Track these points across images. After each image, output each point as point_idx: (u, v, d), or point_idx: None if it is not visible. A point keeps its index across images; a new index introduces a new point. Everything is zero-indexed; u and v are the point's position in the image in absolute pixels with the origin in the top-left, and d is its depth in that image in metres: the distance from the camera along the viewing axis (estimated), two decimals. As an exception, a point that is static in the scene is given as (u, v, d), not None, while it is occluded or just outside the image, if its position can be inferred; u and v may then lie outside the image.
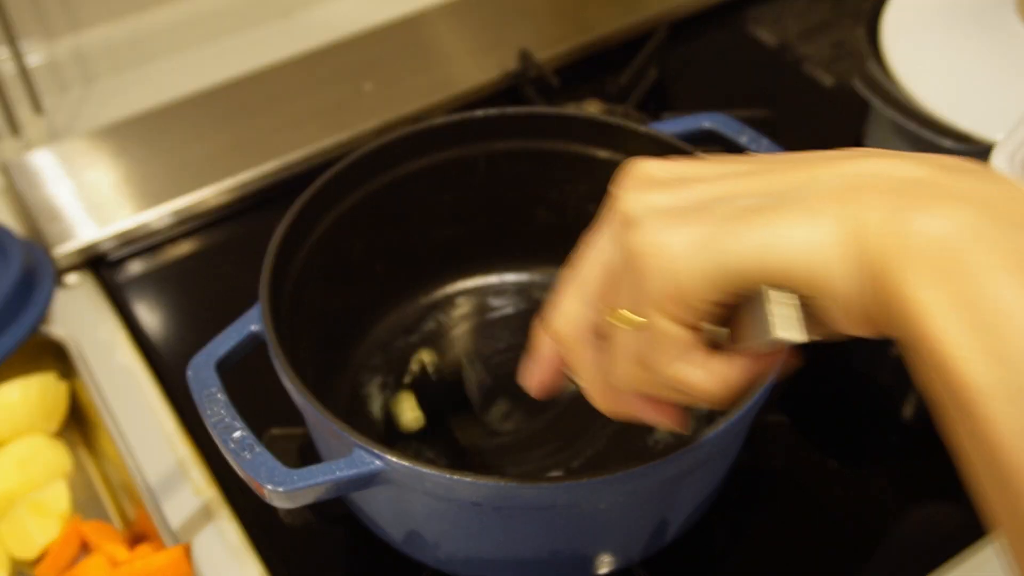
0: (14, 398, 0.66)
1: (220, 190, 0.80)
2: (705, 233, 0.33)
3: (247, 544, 0.60)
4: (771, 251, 0.31)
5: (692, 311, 0.34)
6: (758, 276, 0.32)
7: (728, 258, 0.32)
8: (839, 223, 0.31)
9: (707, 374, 0.35)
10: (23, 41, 0.87)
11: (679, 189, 0.35)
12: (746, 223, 0.32)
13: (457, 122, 0.64)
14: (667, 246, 0.33)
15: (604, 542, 0.54)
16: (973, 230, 0.29)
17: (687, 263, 0.33)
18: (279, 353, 0.51)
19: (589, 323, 0.39)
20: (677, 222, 0.34)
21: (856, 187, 0.31)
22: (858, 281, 0.30)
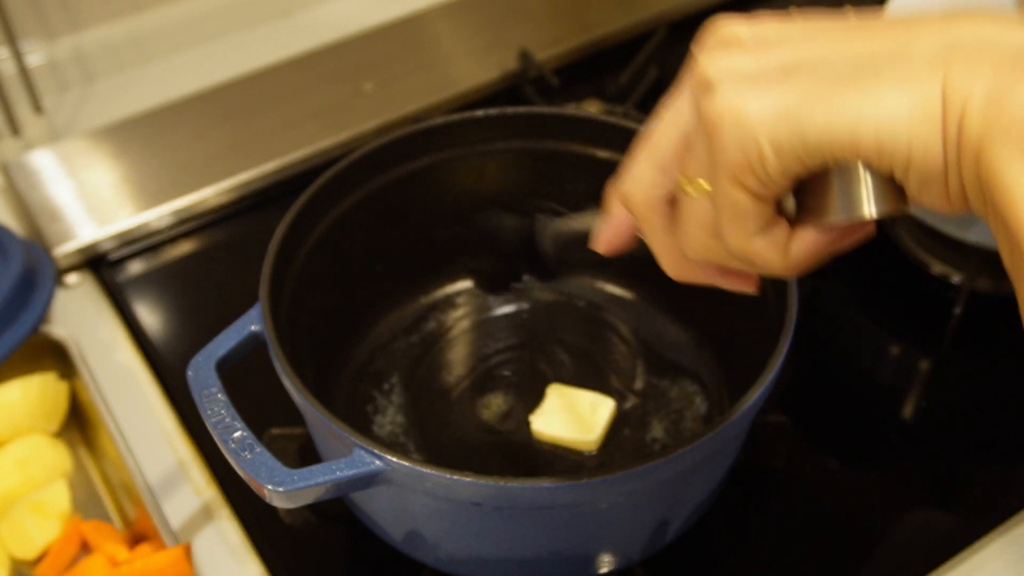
0: (14, 398, 0.66)
1: (220, 190, 0.80)
2: (790, 100, 0.30)
3: (247, 544, 0.60)
4: (864, 123, 0.29)
5: (769, 183, 0.32)
6: (848, 150, 0.30)
7: (815, 129, 0.30)
8: (938, 93, 0.28)
9: (778, 250, 0.34)
10: (23, 41, 0.87)
11: (764, 51, 0.32)
12: (836, 91, 0.29)
13: (457, 122, 0.64)
14: (746, 113, 0.31)
15: (604, 542, 0.54)
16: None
17: (768, 132, 0.30)
18: (279, 353, 0.51)
19: (661, 189, 0.37)
20: (759, 87, 0.31)
21: (959, 53, 0.28)
22: (956, 158, 0.28)
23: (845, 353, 0.72)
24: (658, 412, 0.65)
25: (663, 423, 0.64)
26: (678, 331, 0.68)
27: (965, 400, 0.68)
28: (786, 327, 0.52)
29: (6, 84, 0.85)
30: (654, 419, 0.64)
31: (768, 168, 0.31)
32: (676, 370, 0.67)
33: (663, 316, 0.69)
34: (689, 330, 0.68)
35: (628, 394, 0.66)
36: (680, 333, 0.68)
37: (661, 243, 0.38)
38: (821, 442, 0.66)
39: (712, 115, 0.32)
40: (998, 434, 0.64)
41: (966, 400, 0.68)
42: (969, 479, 0.63)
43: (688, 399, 0.65)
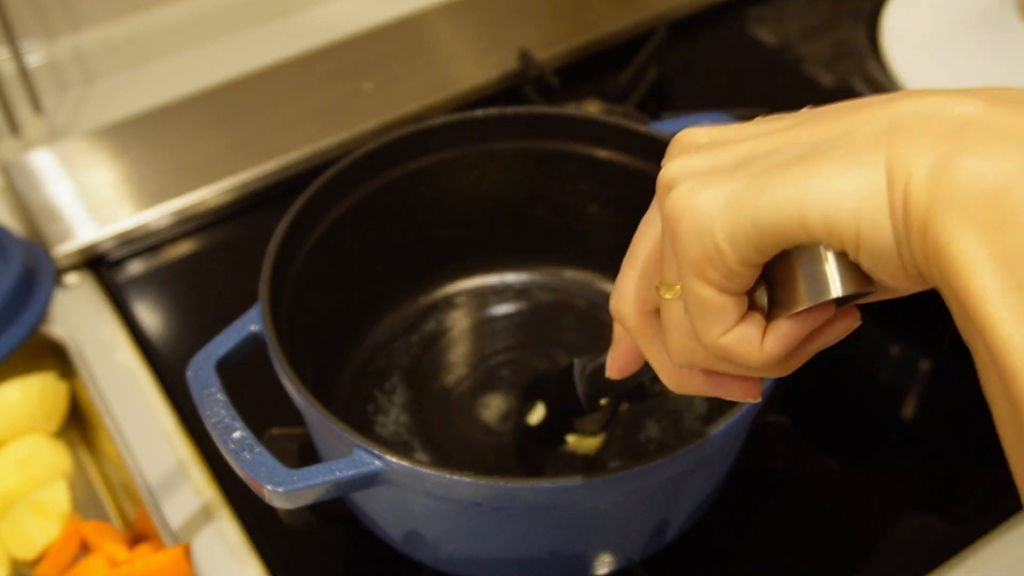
0: (14, 398, 0.66)
1: (220, 190, 0.80)
2: (739, 189, 0.31)
3: (247, 544, 0.60)
4: (810, 203, 0.29)
5: (731, 275, 0.32)
6: (794, 232, 0.30)
7: (763, 214, 0.30)
8: (882, 169, 0.28)
9: (752, 345, 0.34)
10: (23, 41, 0.87)
11: (718, 150, 0.33)
12: (782, 175, 0.30)
13: (457, 122, 0.64)
14: (699, 205, 0.31)
15: (604, 542, 0.54)
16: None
17: (721, 222, 0.31)
18: (279, 353, 0.51)
19: (645, 300, 0.38)
20: (710, 181, 0.32)
21: (901, 129, 0.29)
22: (904, 232, 0.28)
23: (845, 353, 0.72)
24: (657, 412, 0.65)
25: (662, 423, 0.64)
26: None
27: (965, 400, 0.68)
28: (786, 327, 0.52)
29: (6, 84, 0.85)
30: (653, 419, 0.64)
31: (726, 258, 0.31)
32: (676, 370, 0.67)
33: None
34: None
35: (628, 394, 0.66)
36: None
37: (656, 356, 0.39)
38: (821, 442, 0.66)
39: (670, 213, 0.32)
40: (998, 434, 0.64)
41: (966, 400, 0.68)
42: (969, 479, 0.63)
43: (688, 399, 0.65)
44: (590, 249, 0.70)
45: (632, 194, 0.66)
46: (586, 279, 0.71)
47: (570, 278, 0.72)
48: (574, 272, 0.72)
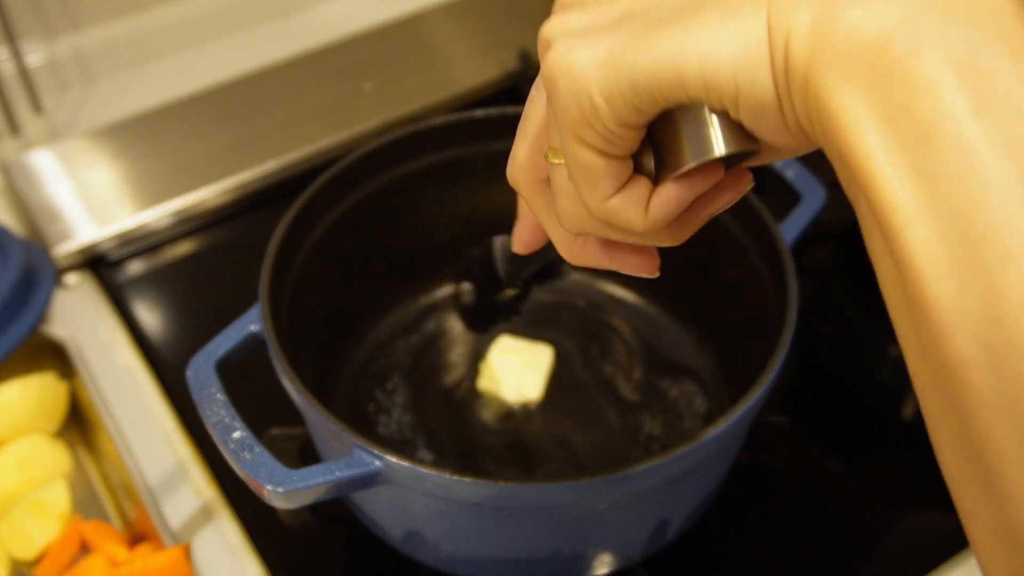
0: (14, 398, 0.66)
1: (220, 190, 0.80)
2: (615, 47, 0.29)
3: (247, 544, 0.60)
4: (687, 60, 0.28)
5: (611, 136, 0.31)
6: (671, 90, 0.29)
7: (640, 71, 0.29)
8: (757, 24, 0.27)
9: (638, 208, 0.32)
10: (23, 41, 0.87)
11: (597, 7, 0.32)
12: (659, 32, 0.29)
13: (457, 122, 0.64)
14: (574, 65, 0.30)
15: (604, 542, 0.54)
16: (911, 27, 0.25)
17: (597, 81, 0.30)
18: (279, 353, 0.51)
19: (538, 167, 0.36)
20: (588, 40, 0.30)
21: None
22: (785, 88, 0.27)
23: (845, 353, 0.72)
24: (658, 412, 0.65)
25: (663, 423, 0.64)
26: (678, 331, 0.68)
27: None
28: (786, 327, 0.52)
29: (6, 84, 0.85)
30: (654, 419, 0.64)
31: (604, 119, 0.30)
32: (676, 370, 0.67)
33: (663, 316, 0.69)
34: (690, 330, 0.68)
35: (628, 394, 0.66)
36: (680, 333, 0.68)
37: (551, 225, 0.38)
38: (821, 442, 0.66)
39: (547, 73, 0.31)
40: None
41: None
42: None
43: (688, 399, 0.65)
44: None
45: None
46: (586, 279, 0.71)
47: (570, 278, 0.72)
48: (574, 272, 0.72)
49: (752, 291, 0.59)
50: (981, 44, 0.25)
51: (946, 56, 0.25)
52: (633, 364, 0.67)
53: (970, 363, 0.24)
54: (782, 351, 0.50)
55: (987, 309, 0.24)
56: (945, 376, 0.25)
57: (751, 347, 0.57)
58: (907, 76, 0.25)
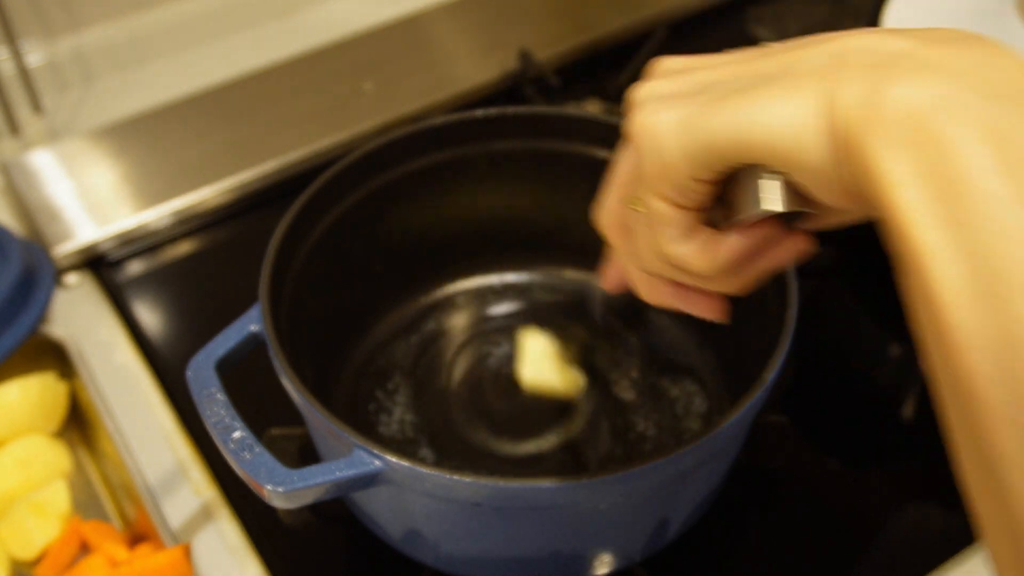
0: (14, 398, 0.66)
1: (220, 190, 0.80)
2: (693, 112, 0.34)
3: (247, 544, 0.60)
4: (748, 126, 0.32)
5: (685, 190, 0.36)
6: (737, 152, 0.33)
7: (707, 135, 0.33)
8: (815, 97, 0.31)
9: (704, 255, 0.37)
10: (23, 41, 0.87)
11: (682, 76, 0.37)
12: (732, 101, 0.33)
13: (457, 122, 0.64)
14: (657, 125, 0.35)
15: (604, 542, 0.54)
16: (948, 100, 0.29)
17: (675, 140, 0.34)
18: (279, 353, 0.51)
19: (621, 214, 0.41)
20: (671, 104, 0.35)
21: (838, 63, 0.32)
22: (832, 154, 0.31)
23: (845, 353, 0.72)
24: (658, 411, 0.65)
25: (662, 422, 0.64)
26: (678, 331, 0.68)
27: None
28: (786, 327, 0.52)
29: (6, 84, 0.85)
30: (654, 419, 0.64)
31: (679, 174, 0.35)
32: (676, 370, 0.67)
33: (663, 316, 0.69)
34: (690, 330, 0.68)
35: (628, 393, 0.66)
36: (681, 333, 0.68)
37: (630, 265, 0.43)
38: (821, 442, 0.66)
39: (634, 131, 0.36)
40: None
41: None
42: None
43: (688, 399, 0.65)
44: (590, 249, 0.70)
45: (632, 194, 0.66)
46: (586, 279, 0.71)
47: (570, 278, 0.72)
48: (574, 272, 0.72)
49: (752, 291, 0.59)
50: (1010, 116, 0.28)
51: (978, 124, 0.28)
52: (633, 364, 0.67)
53: (988, 383, 0.27)
54: (782, 351, 0.50)
55: (1002, 332, 0.27)
56: (963, 393, 0.28)
57: (751, 347, 0.57)
58: (942, 140, 0.28)
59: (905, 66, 0.30)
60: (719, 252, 0.37)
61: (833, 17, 0.99)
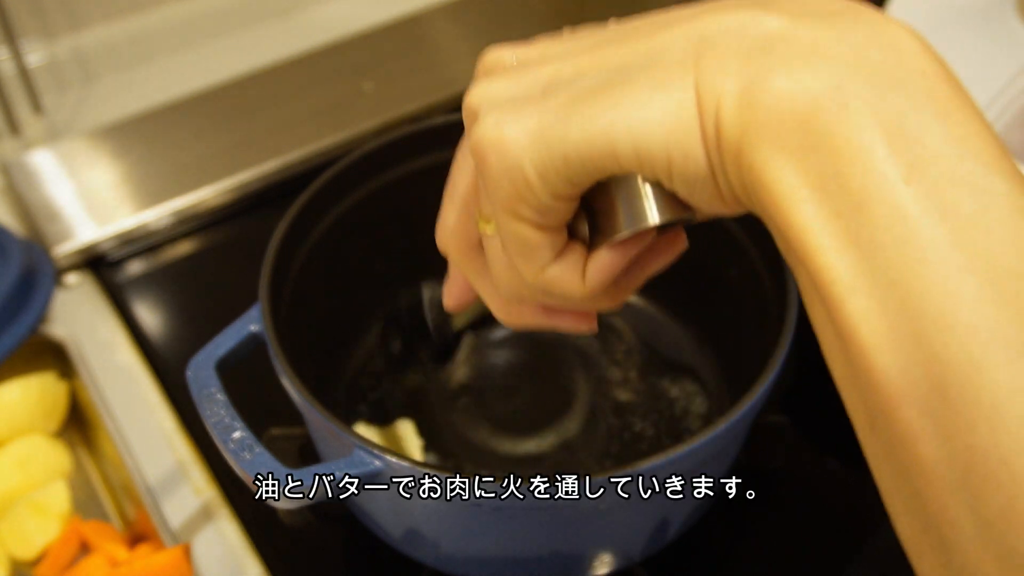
0: (14, 398, 0.66)
1: (220, 190, 0.80)
2: (546, 120, 0.29)
3: (247, 544, 0.60)
4: (618, 133, 0.28)
5: (545, 210, 0.30)
6: (603, 163, 0.28)
7: (572, 146, 0.28)
8: (691, 93, 0.27)
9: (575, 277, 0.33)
10: (23, 40, 0.87)
11: (522, 73, 0.31)
12: (590, 104, 0.28)
13: (457, 122, 0.64)
14: (505, 139, 0.29)
15: (604, 542, 0.54)
16: (837, 94, 0.25)
17: (529, 156, 0.29)
18: (279, 353, 0.51)
19: (468, 233, 0.36)
20: (516, 111, 0.30)
21: (708, 49, 0.27)
22: (718, 159, 0.27)
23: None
24: (657, 411, 0.65)
25: (662, 422, 0.64)
26: (678, 331, 0.68)
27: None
28: (786, 327, 0.52)
29: (6, 84, 0.85)
30: (653, 419, 0.64)
31: (538, 194, 0.30)
32: (676, 370, 0.67)
33: (663, 316, 0.69)
34: (690, 330, 0.68)
35: (628, 393, 0.66)
36: (680, 333, 0.68)
37: (485, 289, 0.37)
38: (821, 442, 0.66)
39: (476, 147, 0.31)
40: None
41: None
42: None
43: (688, 399, 0.65)
44: (590, 249, 0.70)
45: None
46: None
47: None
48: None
49: (752, 291, 0.59)
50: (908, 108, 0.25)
51: (873, 121, 0.24)
52: (632, 364, 0.67)
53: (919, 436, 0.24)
54: (782, 351, 0.50)
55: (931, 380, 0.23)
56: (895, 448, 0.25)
57: (751, 347, 0.57)
58: (836, 144, 0.25)
59: (781, 53, 0.26)
60: (594, 271, 0.33)
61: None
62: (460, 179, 0.36)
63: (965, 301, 0.23)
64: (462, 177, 0.36)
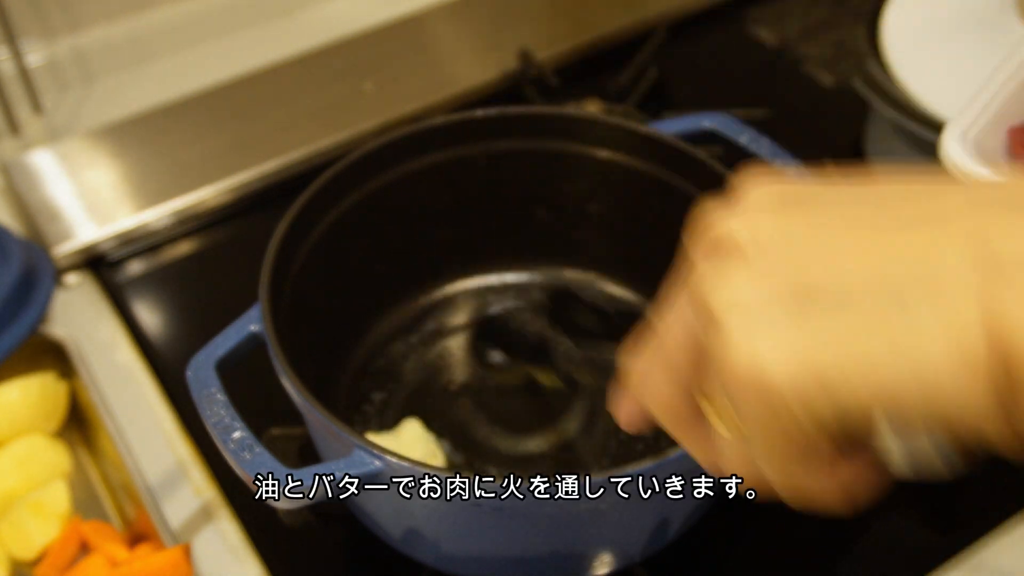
0: (14, 398, 0.66)
1: (220, 190, 0.80)
2: (811, 349, 0.25)
3: (247, 544, 0.60)
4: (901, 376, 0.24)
5: (809, 438, 0.27)
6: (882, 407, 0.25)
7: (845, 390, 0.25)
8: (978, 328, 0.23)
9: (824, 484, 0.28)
10: (23, 40, 0.87)
11: (768, 269, 0.27)
12: (862, 336, 0.25)
13: (457, 122, 0.64)
14: (765, 369, 0.25)
15: (604, 542, 0.54)
16: None
17: (795, 392, 0.25)
18: (279, 353, 0.51)
19: (679, 398, 0.31)
20: (771, 327, 0.26)
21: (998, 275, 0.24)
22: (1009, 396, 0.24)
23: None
24: (658, 412, 0.65)
25: (663, 423, 0.64)
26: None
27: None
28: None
29: (5, 83, 0.85)
30: (654, 419, 0.64)
31: (803, 432, 0.26)
32: (676, 370, 0.67)
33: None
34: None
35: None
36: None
37: (700, 454, 0.33)
38: (821, 442, 0.66)
39: (727, 368, 0.26)
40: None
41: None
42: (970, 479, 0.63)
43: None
44: (590, 249, 0.70)
45: (632, 194, 0.66)
46: (586, 279, 0.71)
47: (570, 278, 0.72)
48: (574, 272, 0.72)
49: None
50: None
51: None
52: (633, 364, 0.67)
53: None
54: (782, 351, 0.50)
55: None
56: None
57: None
58: None
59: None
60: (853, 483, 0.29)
61: (833, 17, 0.99)
62: (671, 339, 0.30)
63: None
64: (673, 337, 0.30)
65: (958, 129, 0.59)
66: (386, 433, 0.63)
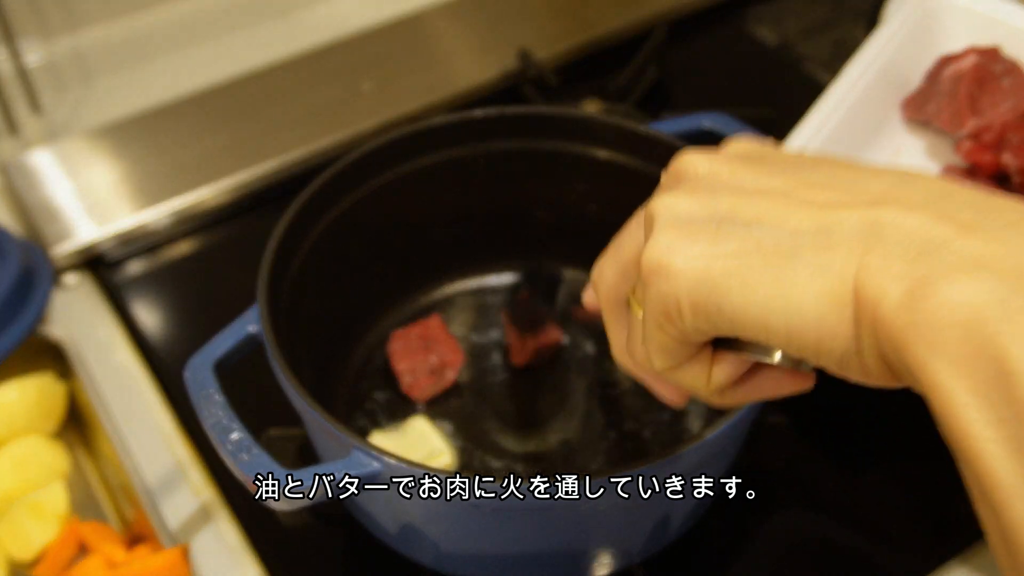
0: (12, 399, 0.66)
1: (219, 190, 0.80)
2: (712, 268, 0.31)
3: (246, 545, 0.60)
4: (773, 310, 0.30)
5: (687, 334, 0.34)
6: (756, 331, 0.31)
7: (727, 303, 0.31)
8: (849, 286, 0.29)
9: (696, 374, 0.36)
10: (22, 40, 0.87)
11: (706, 197, 0.33)
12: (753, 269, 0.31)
13: (457, 122, 0.64)
14: (670, 270, 0.32)
15: (604, 542, 0.54)
16: (1002, 308, 0.26)
17: (688, 293, 0.32)
18: (277, 354, 0.51)
19: (618, 291, 0.39)
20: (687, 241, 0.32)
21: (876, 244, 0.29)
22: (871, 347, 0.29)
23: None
24: (657, 411, 0.64)
25: (662, 422, 0.64)
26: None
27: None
28: (786, 327, 0.51)
29: (4, 83, 0.84)
30: (653, 418, 0.64)
31: (685, 323, 0.33)
32: (676, 370, 0.66)
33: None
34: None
35: (627, 393, 0.66)
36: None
37: (614, 336, 0.41)
38: (821, 442, 0.66)
39: (645, 263, 0.33)
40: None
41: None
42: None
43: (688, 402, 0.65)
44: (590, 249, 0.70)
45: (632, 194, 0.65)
46: (586, 279, 0.71)
47: (570, 278, 0.72)
48: (574, 272, 0.72)
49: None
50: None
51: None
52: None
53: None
54: (782, 351, 0.50)
55: None
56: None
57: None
58: (998, 355, 0.26)
59: (949, 261, 0.27)
60: (713, 379, 0.36)
61: (833, 17, 0.99)
62: (628, 244, 0.38)
63: None
64: (629, 244, 0.38)
65: None
66: (392, 431, 0.63)
